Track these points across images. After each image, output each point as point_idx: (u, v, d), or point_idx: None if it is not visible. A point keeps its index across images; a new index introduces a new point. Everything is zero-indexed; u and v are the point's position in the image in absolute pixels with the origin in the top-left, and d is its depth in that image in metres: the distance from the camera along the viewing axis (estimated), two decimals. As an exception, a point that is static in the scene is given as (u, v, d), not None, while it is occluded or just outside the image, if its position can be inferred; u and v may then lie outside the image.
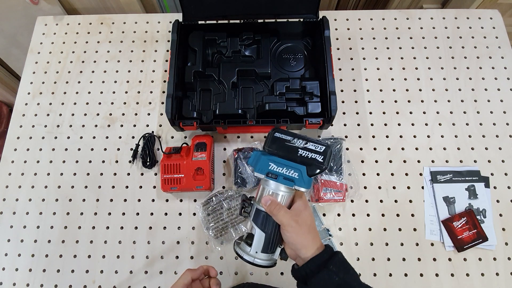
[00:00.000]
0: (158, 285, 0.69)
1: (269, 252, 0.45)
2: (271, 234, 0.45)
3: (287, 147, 0.45)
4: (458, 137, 0.78)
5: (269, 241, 0.45)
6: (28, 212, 0.75)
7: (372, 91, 0.82)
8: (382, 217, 0.73)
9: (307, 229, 0.45)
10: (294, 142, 0.45)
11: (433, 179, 0.74)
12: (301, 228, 0.44)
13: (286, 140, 0.45)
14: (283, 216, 0.44)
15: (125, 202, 0.75)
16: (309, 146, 0.44)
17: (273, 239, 0.45)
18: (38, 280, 0.70)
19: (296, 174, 0.44)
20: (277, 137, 0.45)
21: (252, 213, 0.47)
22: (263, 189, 0.47)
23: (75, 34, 0.90)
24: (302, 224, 0.44)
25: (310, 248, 0.44)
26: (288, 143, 0.45)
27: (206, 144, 0.73)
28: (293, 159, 0.45)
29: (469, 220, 0.71)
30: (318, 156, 0.44)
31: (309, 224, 0.45)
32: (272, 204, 0.45)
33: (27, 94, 0.84)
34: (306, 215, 0.45)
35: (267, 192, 0.46)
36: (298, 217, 0.44)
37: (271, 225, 0.45)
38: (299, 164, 0.44)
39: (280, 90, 0.76)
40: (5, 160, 0.79)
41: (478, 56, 0.85)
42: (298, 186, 0.44)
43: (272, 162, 0.45)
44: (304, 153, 0.44)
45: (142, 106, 0.82)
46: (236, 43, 0.80)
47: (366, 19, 0.89)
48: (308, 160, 0.44)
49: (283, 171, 0.44)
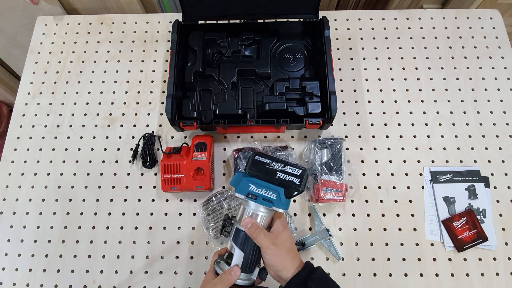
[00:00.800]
0: (158, 285, 0.69)
1: (247, 272, 0.46)
2: (250, 254, 0.46)
3: (266, 170, 0.47)
4: (458, 137, 0.78)
5: (248, 261, 0.46)
6: (28, 212, 0.75)
7: (372, 91, 0.82)
8: (382, 217, 0.73)
9: (286, 251, 0.46)
10: (273, 165, 0.47)
11: (433, 179, 0.74)
12: (279, 250, 0.45)
13: (265, 163, 0.47)
14: (262, 239, 0.45)
15: (125, 202, 0.75)
16: (287, 169, 0.46)
17: (251, 259, 0.46)
18: (38, 280, 0.70)
19: (274, 196, 0.46)
20: (257, 160, 0.47)
21: (232, 232, 0.48)
22: (244, 209, 0.48)
23: (75, 34, 0.90)
24: (280, 246, 0.46)
25: (289, 268, 0.45)
26: (267, 166, 0.47)
27: (206, 144, 0.73)
28: (271, 181, 0.46)
29: (469, 220, 0.71)
30: (295, 179, 0.46)
31: (287, 246, 0.46)
32: (252, 227, 0.46)
33: (27, 94, 0.84)
34: (285, 236, 0.47)
35: (248, 213, 0.47)
36: (277, 240, 0.46)
37: (250, 246, 0.46)
38: (277, 186, 0.46)
39: (280, 90, 0.76)
40: (5, 160, 0.79)
41: (478, 56, 0.85)
42: (276, 207, 0.46)
43: (252, 184, 0.47)
44: (282, 176, 0.46)
45: (142, 106, 0.82)
46: (236, 43, 0.80)
47: (366, 19, 0.89)
48: (286, 183, 0.46)
49: (262, 192, 0.46)
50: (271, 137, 0.79)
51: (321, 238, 0.69)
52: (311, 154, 0.72)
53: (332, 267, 0.69)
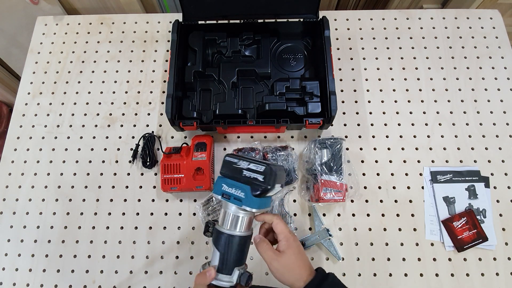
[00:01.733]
0: (158, 285, 0.69)
1: (224, 273, 0.46)
2: (225, 254, 0.46)
3: (234, 169, 0.48)
4: (458, 137, 0.78)
5: (224, 261, 0.46)
6: (28, 212, 0.75)
7: (372, 91, 0.82)
8: (382, 217, 0.73)
9: (290, 268, 0.46)
10: (239, 164, 0.47)
11: (433, 179, 0.74)
12: (284, 267, 0.46)
13: (233, 163, 0.48)
14: (267, 256, 0.47)
15: (125, 202, 0.75)
16: (251, 166, 0.47)
17: (228, 259, 0.46)
18: (38, 280, 0.70)
19: (242, 194, 0.46)
20: (226, 160, 0.49)
21: (214, 233, 0.48)
22: (224, 212, 0.48)
23: (75, 34, 0.90)
24: (285, 264, 0.46)
25: (300, 279, 0.46)
26: (235, 165, 0.48)
27: (206, 144, 0.73)
28: (239, 180, 0.47)
29: (469, 220, 0.71)
30: (259, 176, 0.46)
31: (291, 262, 0.47)
32: (260, 243, 0.48)
33: (27, 94, 0.84)
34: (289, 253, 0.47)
35: (228, 216, 0.47)
36: (282, 258, 0.46)
37: (225, 245, 0.46)
38: (244, 184, 0.46)
39: (280, 90, 0.76)
40: (5, 160, 0.79)
41: (478, 56, 0.85)
42: (245, 206, 0.46)
43: (224, 183, 0.48)
44: (248, 174, 0.46)
45: (142, 106, 0.82)
46: (236, 43, 0.80)
47: (366, 19, 0.89)
48: (251, 180, 0.46)
49: (232, 191, 0.47)
50: (271, 137, 0.79)
51: (321, 238, 0.69)
52: (311, 154, 0.72)
53: (332, 267, 0.69)
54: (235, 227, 0.47)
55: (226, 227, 0.47)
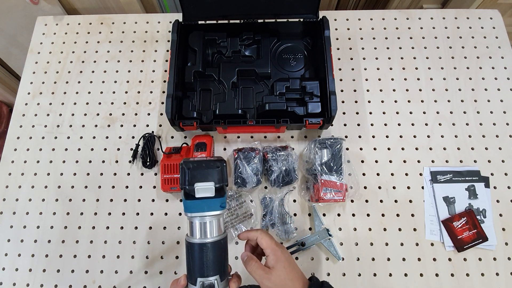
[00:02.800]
0: (158, 285, 0.69)
1: (190, 282, 0.44)
2: (187, 260, 0.45)
3: None
4: (458, 137, 0.78)
5: (188, 268, 0.45)
6: (28, 212, 0.75)
7: (372, 91, 0.82)
8: (382, 217, 0.73)
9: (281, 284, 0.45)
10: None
11: (433, 179, 0.74)
12: (277, 285, 0.45)
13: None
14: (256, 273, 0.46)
15: (125, 202, 0.75)
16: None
17: (189, 267, 0.44)
18: (38, 280, 0.70)
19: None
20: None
21: None
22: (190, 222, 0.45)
23: (75, 34, 0.90)
24: (275, 280, 0.45)
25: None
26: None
27: (206, 144, 0.73)
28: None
29: (469, 220, 0.71)
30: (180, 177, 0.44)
31: (282, 278, 0.46)
32: (247, 260, 0.47)
33: (27, 94, 0.84)
34: (279, 269, 0.46)
35: (195, 224, 0.45)
36: (271, 274, 0.45)
37: (186, 251, 0.45)
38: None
39: (280, 90, 0.76)
40: (5, 160, 0.79)
41: (478, 56, 0.85)
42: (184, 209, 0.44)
43: None
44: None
45: (142, 106, 0.82)
46: (236, 43, 0.80)
47: (366, 19, 0.89)
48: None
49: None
50: (271, 137, 0.79)
51: (321, 238, 0.69)
52: (311, 154, 0.72)
53: (332, 267, 0.69)
54: (190, 233, 0.45)
55: (187, 233, 0.45)
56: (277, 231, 0.70)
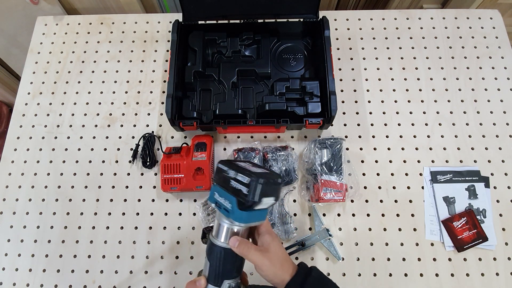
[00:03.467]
0: (158, 285, 0.69)
1: (214, 284, 0.44)
2: (215, 266, 0.44)
3: (223, 177, 0.44)
4: (458, 137, 0.78)
5: (214, 273, 0.44)
6: (28, 212, 0.75)
7: (372, 91, 0.82)
8: (382, 217, 0.73)
9: (280, 262, 0.45)
10: (228, 173, 0.44)
11: (433, 179, 0.74)
12: (274, 264, 0.44)
13: (223, 170, 0.45)
14: (253, 255, 0.43)
15: (125, 202, 0.75)
16: (238, 177, 0.43)
17: (217, 271, 0.44)
18: (38, 280, 0.70)
19: (230, 205, 0.43)
20: (218, 168, 0.46)
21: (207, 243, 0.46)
22: (217, 223, 0.46)
23: (75, 34, 0.90)
24: (274, 259, 0.44)
25: (286, 277, 0.44)
26: (224, 173, 0.44)
27: (206, 144, 0.73)
28: (227, 189, 0.44)
29: (469, 220, 0.71)
30: (244, 188, 0.41)
31: (280, 255, 0.45)
32: (240, 244, 0.43)
33: (27, 94, 0.84)
34: (276, 246, 0.45)
35: (221, 227, 0.45)
36: (269, 253, 0.44)
37: (215, 257, 0.44)
38: (231, 195, 0.43)
39: (280, 90, 0.76)
40: (5, 160, 0.79)
41: (478, 56, 0.85)
42: (232, 218, 0.43)
43: (216, 192, 0.45)
44: (234, 184, 0.43)
45: (142, 106, 0.82)
46: (236, 43, 0.80)
47: (366, 19, 0.89)
48: (236, 192, 0.43)
49: (221, 201, 0.44)
50: (271, 137, 0.79)
51: (321, 238, 0.69)
52: (311, 154, 0.72)
53: (332, 267, 0.69)
54: (226, 239, 0.44)
55: (219, 239, 0.44)
56: (277, 231, 0.70)
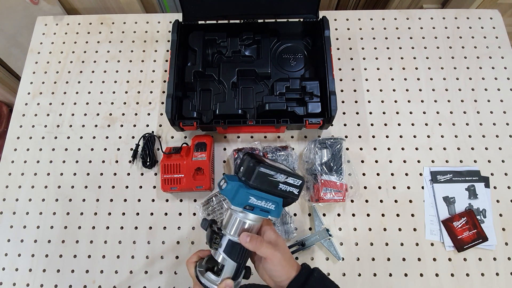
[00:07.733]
0: (158, 285, 0.69)
1: (236, 279, 0.46)
2: (241, 263, 0.46)
3: (270, 182, 0.45)
4: (458, 137, 0.78)
5: (239, 270, 0.46)
6: (28, 212, 0.75)
7: (372, 91, 0.82)
8: (382, 217, 0.73)
9: (289, 256, 0.45)
10: (277, 177, 0.45)
11: (433, 179, 0.74)
12: (285, 258, 0.44)
13: (269, 175, 0.45)
14: (265, 250, 0.44)
15: (125, 202, 0.75)
16: (289, 180, 0.45)
17: (243, 267, 0.46)
18: (38, 280, 0.70)
19: (273, 206, 0.45)
20: (262, 173, 0.45)
21: (224, 244, 0.46)
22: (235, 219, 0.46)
23: (75, 34, 0.90)
24: (284, 253, 0.45)
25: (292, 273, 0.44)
26: (271, 178, 0.45)
27: (206, 144, 0.73)
28: (273, 193, 0.45)
29: (469, 220, 0.71)
30: (295, 190, 0.46)
31: (287, 251, 0.46)
32: (252, 240, 0.44)
33: (27, 94, 0.84)
34: (282, 242, 0.46)
35: (236, 221, 0.45)
36: (279, 247, 0.45)
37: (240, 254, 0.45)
38: (277, 197, 0.45)
39: (280, 90, 0.76)
40: (5, 160, 0.79)
41: (478, 56, 0.85)
42: (271, 216, 0.46)
43: (253, 196, 0.45)
44: (284, 187, 0.45)
45: (142, 106, 0.82)
46: (236, 43, 0.80)
47: (366, 19, 0.89)
48: (286, 194, 0.45)
49: (261, 204, 0.45)
50: (271, 137, 0.79)
51: (321, 238, 0.69)
52: (311, 154, 0.72)
53: (332, 267, 0.69)
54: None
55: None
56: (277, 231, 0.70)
